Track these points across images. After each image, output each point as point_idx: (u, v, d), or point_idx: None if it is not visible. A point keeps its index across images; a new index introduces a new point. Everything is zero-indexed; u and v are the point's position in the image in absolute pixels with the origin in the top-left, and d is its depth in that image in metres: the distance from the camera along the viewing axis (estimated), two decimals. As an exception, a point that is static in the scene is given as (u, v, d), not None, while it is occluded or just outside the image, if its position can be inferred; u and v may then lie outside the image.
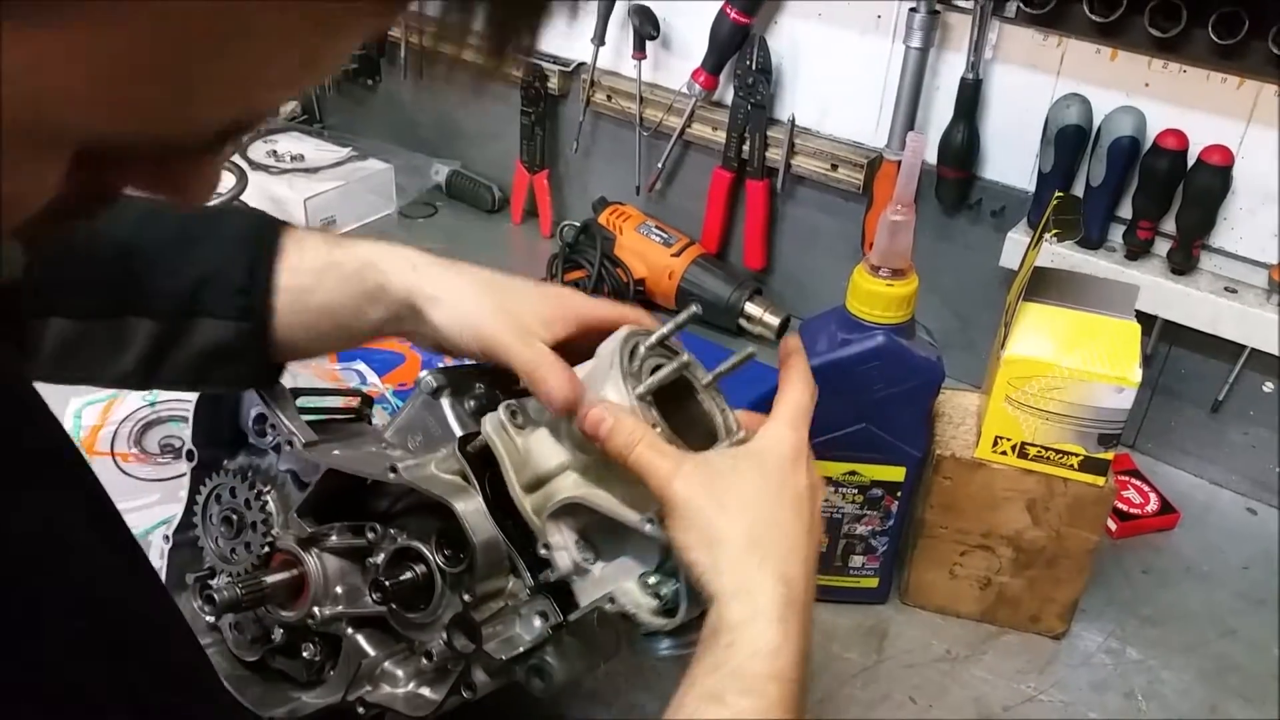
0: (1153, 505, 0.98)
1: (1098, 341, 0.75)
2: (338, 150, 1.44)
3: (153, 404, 1.00)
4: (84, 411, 0.99)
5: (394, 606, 0.63)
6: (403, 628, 0.64)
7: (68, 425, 0.98)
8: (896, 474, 0.81)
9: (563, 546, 0.59)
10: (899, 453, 0.80)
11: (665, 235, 1.24)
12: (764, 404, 1.03)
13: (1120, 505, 0.98)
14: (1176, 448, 1.05)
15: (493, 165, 1.46)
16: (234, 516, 0.70)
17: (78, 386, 1.01)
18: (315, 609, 0.66)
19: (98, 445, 0.96)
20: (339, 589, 0.67)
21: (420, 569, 0.62)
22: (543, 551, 0.59)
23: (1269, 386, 0.98)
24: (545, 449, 0.60)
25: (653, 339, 0.61)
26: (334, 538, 0.66)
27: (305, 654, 0.68)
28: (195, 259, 0.65)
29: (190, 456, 0.74)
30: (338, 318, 0.66)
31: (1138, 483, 1.01)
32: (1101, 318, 0.76)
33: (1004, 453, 0.79)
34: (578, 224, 1.29)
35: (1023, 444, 0.78)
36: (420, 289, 0.64)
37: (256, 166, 1.38)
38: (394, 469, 0.61)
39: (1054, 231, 0.78)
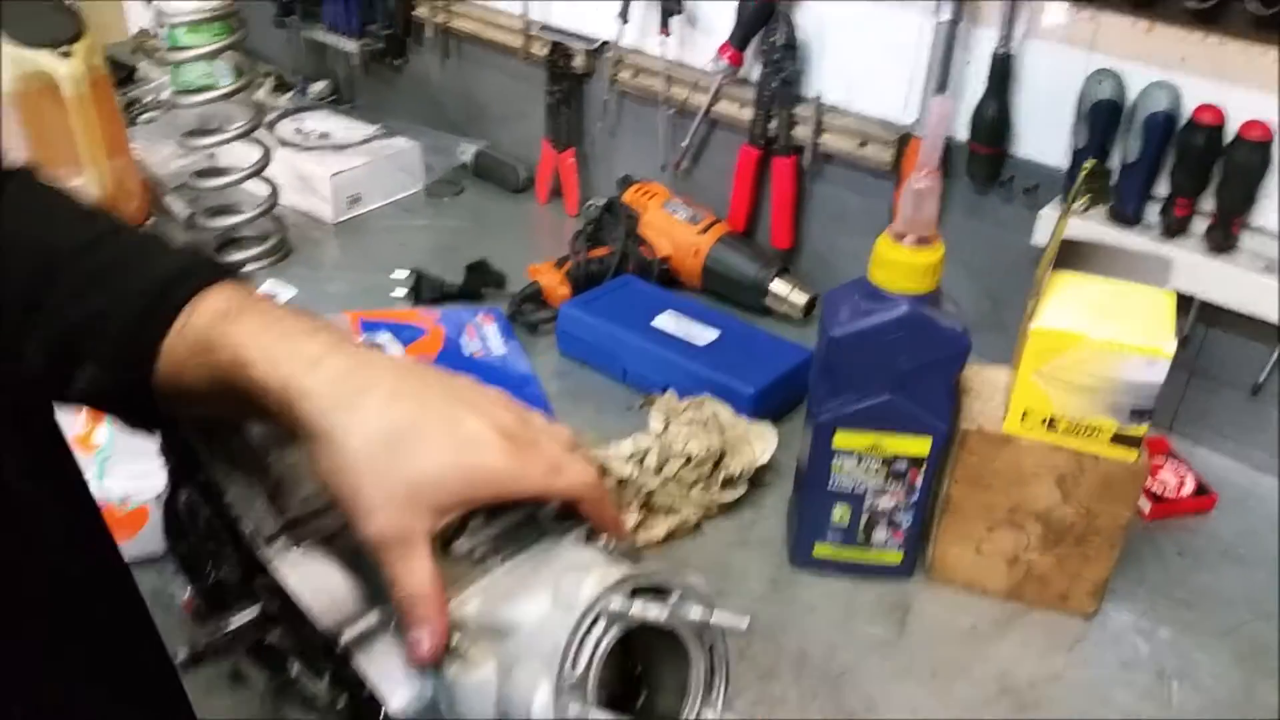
0: (1189, 487, 0.96)
1: (1130, 313, 0.73)
2: (364, 128, 1.45)
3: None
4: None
5: None
6: None
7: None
8: (922, 447, 0.79)
9: None
10: (924, 425, 0.78)
11: (691, 213, 1.22)
12: (782, 385, 1.02)
13: (1155, 487, 0.96)
14: (1215, 431, 1.03)
15: (519, 145, 1.46)
16: (206, 527, 0.66)
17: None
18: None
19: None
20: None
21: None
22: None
23: (1309, 367, 0.95)
24: (473, 700, 0.53)
25: (633, 611, 0.50)
26: None
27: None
28: (98, 298, 0.58)
29: (165, 459, 0.67)
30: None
31: (1173, 465, 0.98)
32: (1134, 289, 0.74)
33: (1032, 427, 0.77)
34: (602, 202, 1.28)
35: (1052, 418, 0.76)
36: (300, 416, 0.52)
37: (284, 144, 1.39)
38: (340, 644, 0.55)
39: (1084, 199, 0.76)
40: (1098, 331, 0.72)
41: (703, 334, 1.08)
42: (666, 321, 1.09)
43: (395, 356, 0.57)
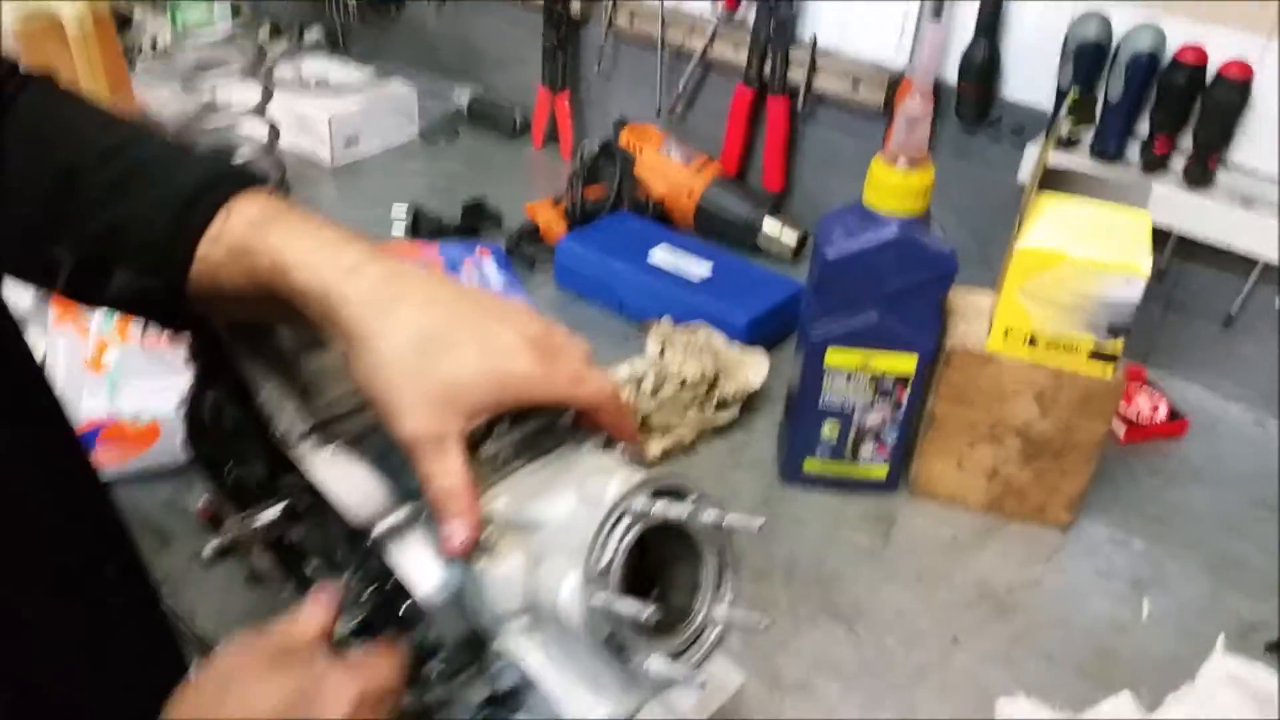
0: (1162, 413, 1.00)
1: (1109, 234, 0.76)
2: (361, 73, 1.46)
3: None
4: (118, 305, 1.02)
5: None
6: None
7: (100, 316, 1.00)
8: (908, 365, 0.83)
9: (502, 673, 0.59)
10: (911, 344, 0.82)
11: (685, 154, 1.25)
12: (773, 316, 1.06)
13: (1130, 412, 1.00)
14: (1188, 362, 1.07)
15: (515, 90, 1.48)
16: (233, 427, 0.69)
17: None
18: None
19: (130, 332, 0.99)
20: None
21: None
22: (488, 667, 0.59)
23: (1280, 301, 1.00)
24: (501, 590, 0.57)
25: (654, 510, 0.53)
26: None
27: None
28: (128, 202, 0.59)
29: (192, 362, 0.70)
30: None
31: (1148, 392, 1.02)
32: (1113, 211, 0.77)
33: (1014, 345, 0.81)
34: (597, 143, 1.30)
35: (1033, 335, 0.80)
36: (340, 320, 0.54)
37: (282, 86, 1.40)
38: (369, 532, 0.58)
39: (1069, 120, 0.80)
40: (1078, 251, 0.76)
41: (697, 267, 1.11)
42: (661, 255, 1.12)
43: (426, 268, 0.58)
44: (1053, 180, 0.80)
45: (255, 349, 0.64)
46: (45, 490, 0.47)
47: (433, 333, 0.54)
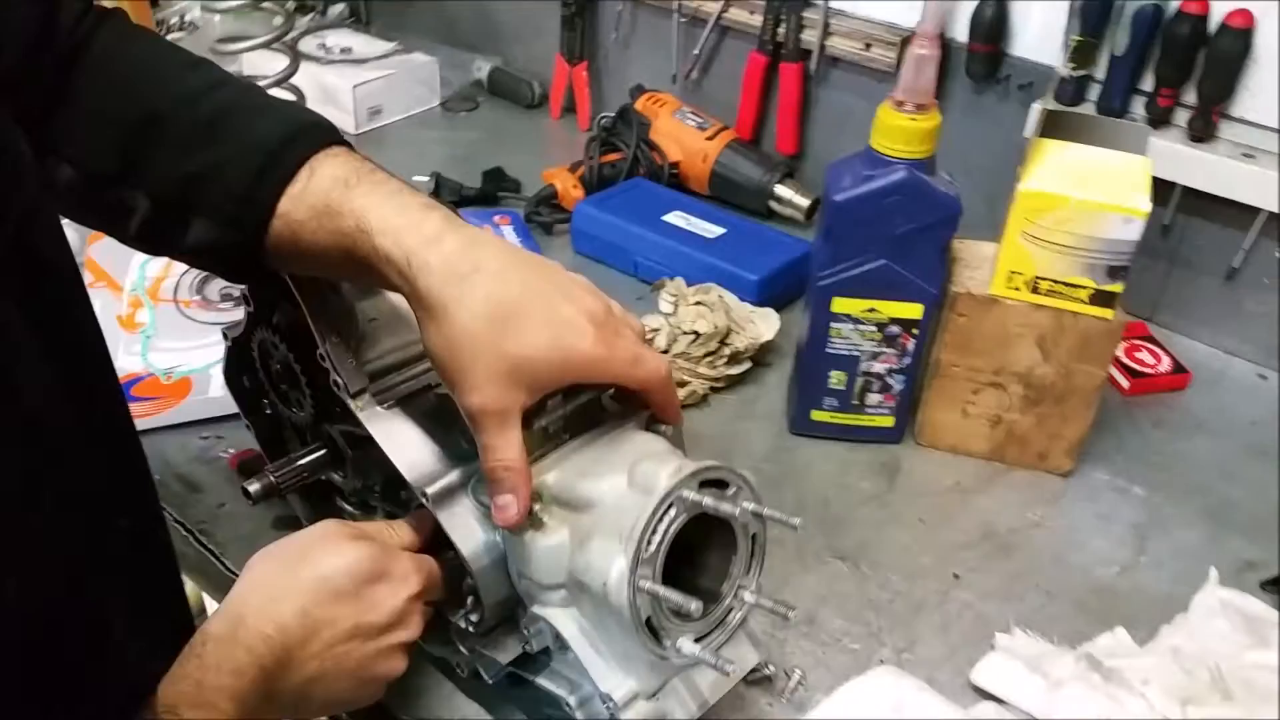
0: (1165, 365, 1.02)
1: (1109, 177, 0.78)
2: (385, 45, 1.50)
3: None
4: (147, 265, 1.06)
5: None
6: None
7: (132, 277, 1.04)
8: (914, 311, 0.85)
9: (536, 635, 0.62)
10: (917, 290, 0.84)
11: (700, 120, 1.27)
12: (784, 275, 1.08)
13: (1133, 364, 1.01)
14: (1192, 318, 1.08)
15: (534, 61, 1.50)
16: (281, 369, 0.72)
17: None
18: None
19: (161, 293, 1.03)
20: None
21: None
22: (524, 629, 0.63)
23: (1283, 253, 1.01)
24: (545, 562, 0.60)
25: (704, 502, 0.57)
26: None
27: None
28: (210, 151, 0.60)
29: (246, 301, 0.73)
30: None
31: (1151, 346, 1.04)
32: (1113, 155, 0.79)
33: (1017, 288, 0.83)
34: (614, 113, 1.33)
35: (1035, 279, 0.82)
36: (420, 288, 0.56)
37: (306, 58, 1.43)
38: (425, 495, 0.61)
39: (1070, 68, 0.81)
40: (1079, 193, 0.77)
41: (710, 230, 1.13)
42: (676, 218, 1.15)
43: (498, 238, 0.60)
44: (1055, 126, 0.82)
45: (322, 302, 0.66)
46: (80, 430, 0.51)
47: (505, 307, 0.55)
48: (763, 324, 1.00)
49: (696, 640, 0.59)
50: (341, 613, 0.57)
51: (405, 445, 0.65)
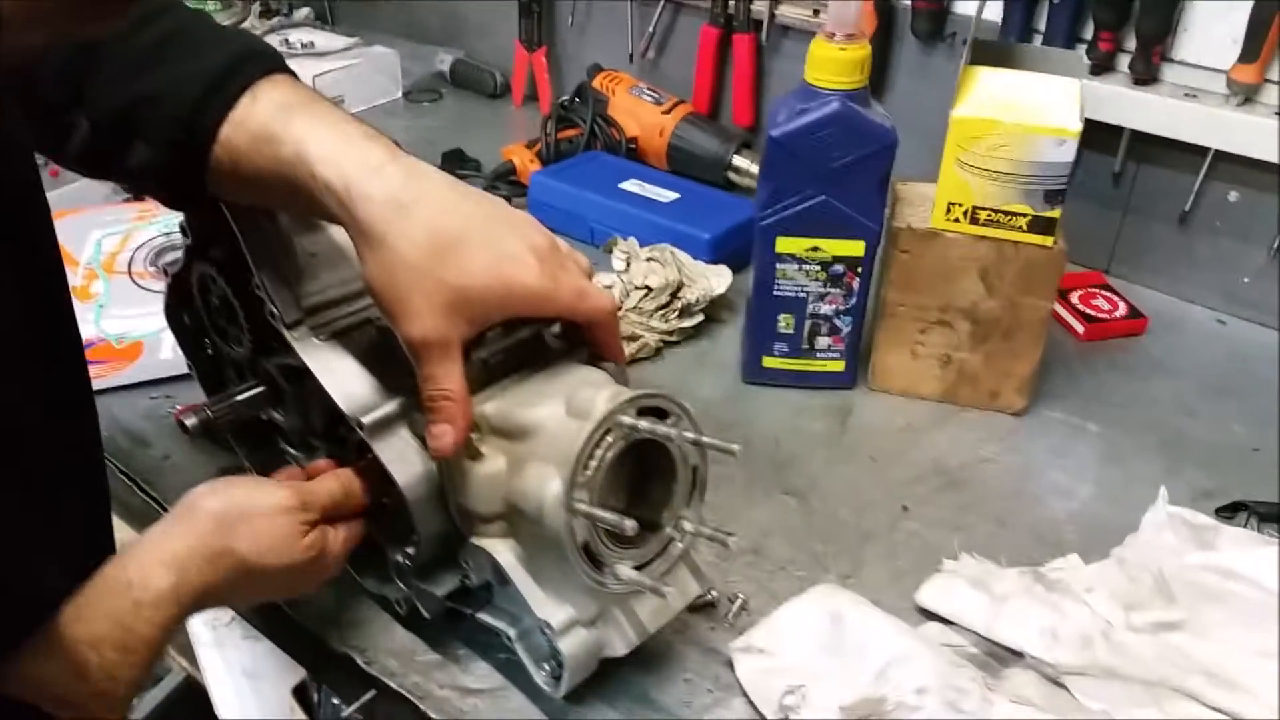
0: (1121, 311, 1.02)
1: (1039, 99, 0.78)
2: (346, 39, 1.51)
3: (168, 233, 1.07)
4: (104, 240, 1.06)
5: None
6: None
7: (88, 252, 1.04)
8: (857, 249, 0.85)
9: (476, 567, 0.62)
10: (858, 226, 0.84)
11: (656, 95, 1.28)
12: (736, 234, 1.08)
13: (1088, 310, 1.01)
14: (1149, 268, 1.08)
15: (496, 52, 1.52)
16: (219, 304, 0.72)
17: (99, 219, 1.09)
18: None
19: (116, 266, 1.02)
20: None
21: None
22: (462, 561, 0.63)
23: (1234, 196, 1.01)
24: (482, 490, 0.60)
25: (641, 426, 0.56)
26: None
27: None
28: (153, 75, 0.60)
29: (184, 233, 0.72)
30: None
31: (1107, 294, 1.04)
32: (1043, 79, 0.79)
33: (957, 219, 0.83)
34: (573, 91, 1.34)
35: (974, 209, 0.82)
36: (359, 217, 0.55)
37: (269, 52, 1.45)
38: (361, 425, 0.60)
39: None
40: (1010, 116, 0.78)
41: (665, 195, 1.14)
42: (631, 185, 1.15)
43: (442, 172, 0.59)
44: (982, 50, 0.82)
45: (258, 232, 0.65)
46: (40, 377, 0.52)
47: (447, 238, 0.55)
48: (715, 279, 1.00)
49: (636, 569, 0.58)
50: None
51: (342, 377, 0.64)
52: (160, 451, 0.85)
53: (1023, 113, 0.78)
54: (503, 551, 0.60)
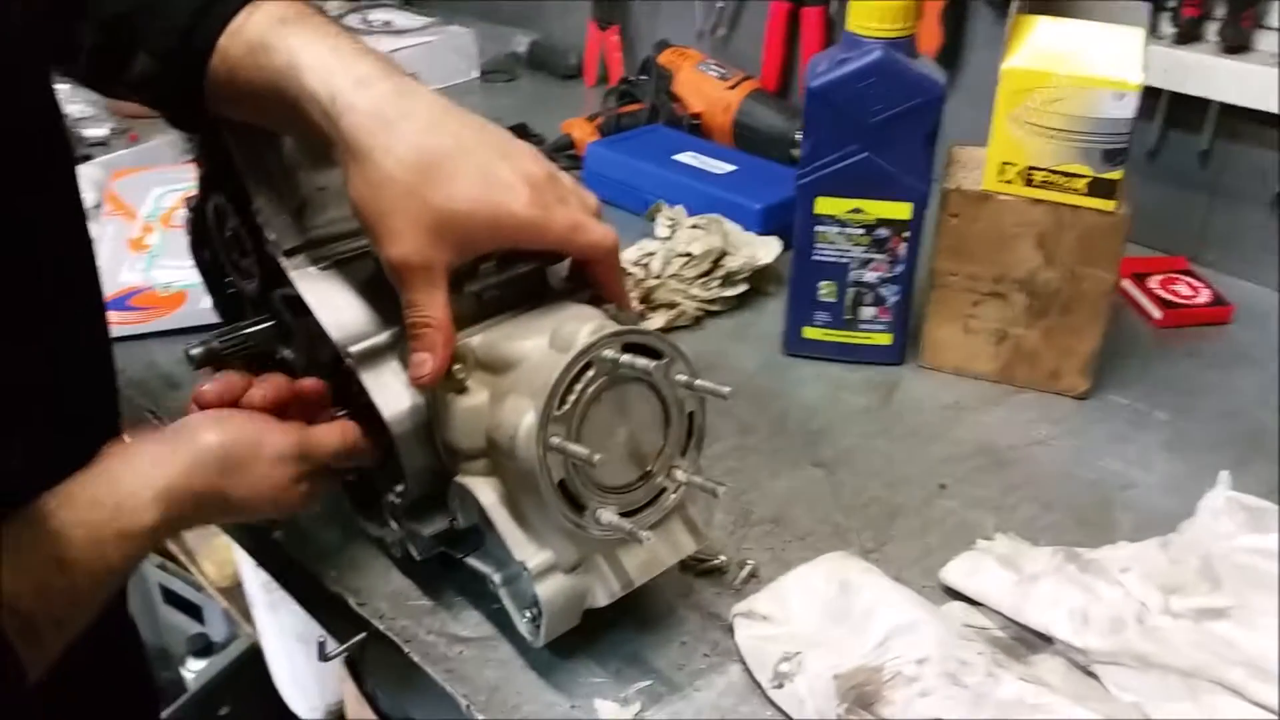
0: (1204, 298, 0.94)
1: (1098, 51, 0.73)
2: (423, 19, 1.52)
3: (225, 192, 1.09)
4: (164, 197, 1.09)
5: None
6: None
7: (148, 207, 1.07)
8: (902, 211, 0.80)
9: (463, 508, 0.60)
10: (903, 187, 0.79)
11: (722, 71, 1.25)
12: (789, 208, 1.04)
13: (1167, 295, 0.94)
14: (1237, 256, 1.00)
15: (570, 34, 1.51)
16: (232, 236, 0.71)
17: (163, 177, 1.11)
18: None
19: (172, 220, 1.05)
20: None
21: None
22: (449, 502, 0.60)
23: (1335, 176, 0.93)
24: (464, 424, 0.58)
25: (624, 359, 0.53)
26: None
27: None
28: None
29: (199, 163, 0.71)
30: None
31: (1190, 280, 0.96)
32: (1102, 29, 0.74)
33: (1010, 180, 0.77)
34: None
35: (1029, 169, 0.76)
36: (343, 129, 0.53)
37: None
38: (349, 354, 0.59)
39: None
40: (1065, 68, 0.72)
41: (721, 167, 1.10)
42: (687, 158, 1.12)
43: (436, 92, 0.58)
44: (1041, 2, 0.77)
45: (257, 156, 0.64)
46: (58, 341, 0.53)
47: (434, 157, 0.53)
48: (762, 249, 0.96)
49: (623, 515, 0.55)
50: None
51: (336, 306, 0.62)
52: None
53: (1079, 64, 0.72)
54: (484, 490, 0.58)
